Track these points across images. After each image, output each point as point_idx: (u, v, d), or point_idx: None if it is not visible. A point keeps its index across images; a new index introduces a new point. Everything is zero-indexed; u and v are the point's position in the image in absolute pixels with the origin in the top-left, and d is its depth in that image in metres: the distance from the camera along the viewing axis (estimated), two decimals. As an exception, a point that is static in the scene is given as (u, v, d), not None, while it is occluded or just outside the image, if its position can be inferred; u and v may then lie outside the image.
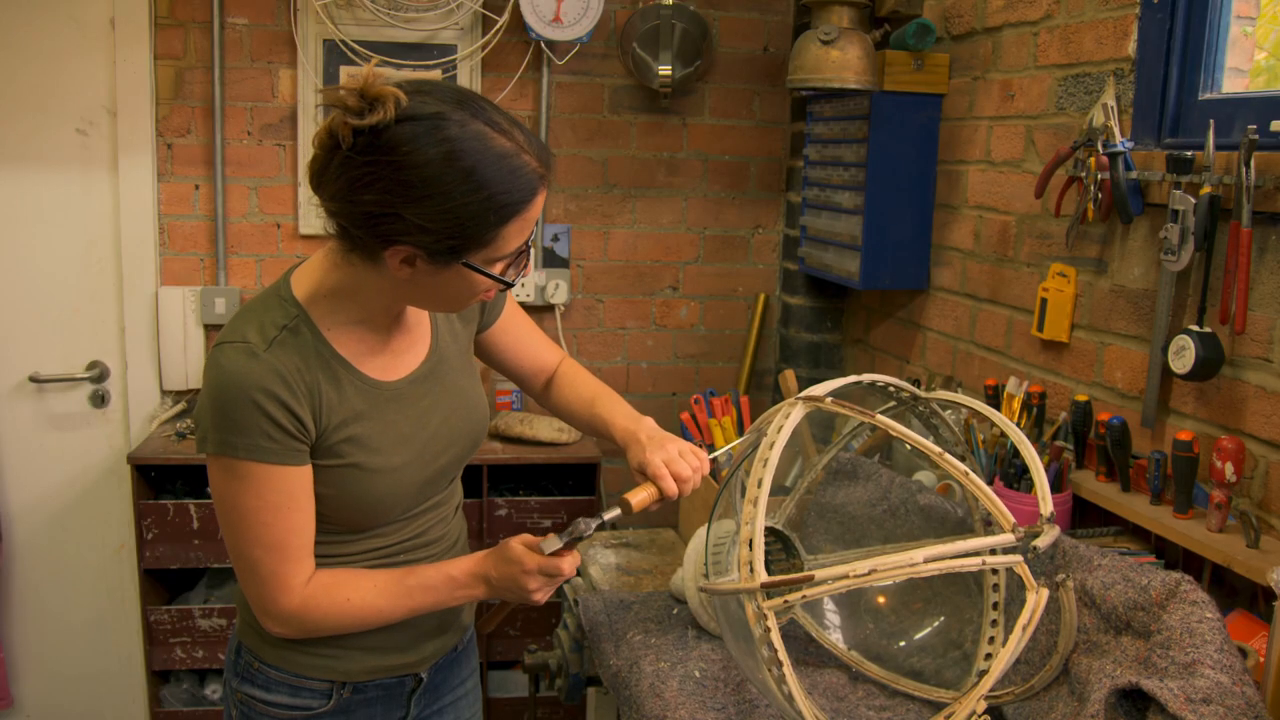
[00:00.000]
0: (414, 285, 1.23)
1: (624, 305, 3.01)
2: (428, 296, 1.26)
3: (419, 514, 1.42)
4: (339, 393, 1.27)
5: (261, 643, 1.39)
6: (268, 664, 1.40)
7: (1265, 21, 1.72)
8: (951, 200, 2.33)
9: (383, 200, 1.13)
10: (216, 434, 1.21)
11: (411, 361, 1.37)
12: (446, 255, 1.17)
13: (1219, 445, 1.49)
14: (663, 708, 1.50)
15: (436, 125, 1.12)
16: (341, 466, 1.28)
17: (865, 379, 1.51)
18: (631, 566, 2.23)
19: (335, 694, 1.41)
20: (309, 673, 1.39)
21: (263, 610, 1.30)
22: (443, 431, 1.39)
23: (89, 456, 2.80)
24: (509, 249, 1.20)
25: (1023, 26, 2.06)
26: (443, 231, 1.14)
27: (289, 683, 1.40)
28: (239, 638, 1.44)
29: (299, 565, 1.28)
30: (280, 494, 1.24)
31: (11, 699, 2.82)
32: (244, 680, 1.42)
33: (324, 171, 1.17)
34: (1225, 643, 1.27)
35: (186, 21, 2.68)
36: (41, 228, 2.68)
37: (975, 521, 1.60)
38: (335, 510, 1.31)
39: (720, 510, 1.52)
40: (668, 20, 2.76)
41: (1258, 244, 1.50)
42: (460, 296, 1.25)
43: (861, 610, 1.70)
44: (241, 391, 1.19)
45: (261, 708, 1.41)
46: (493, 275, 1.21)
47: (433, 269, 1.19)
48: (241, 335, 1.23)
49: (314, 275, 1.29)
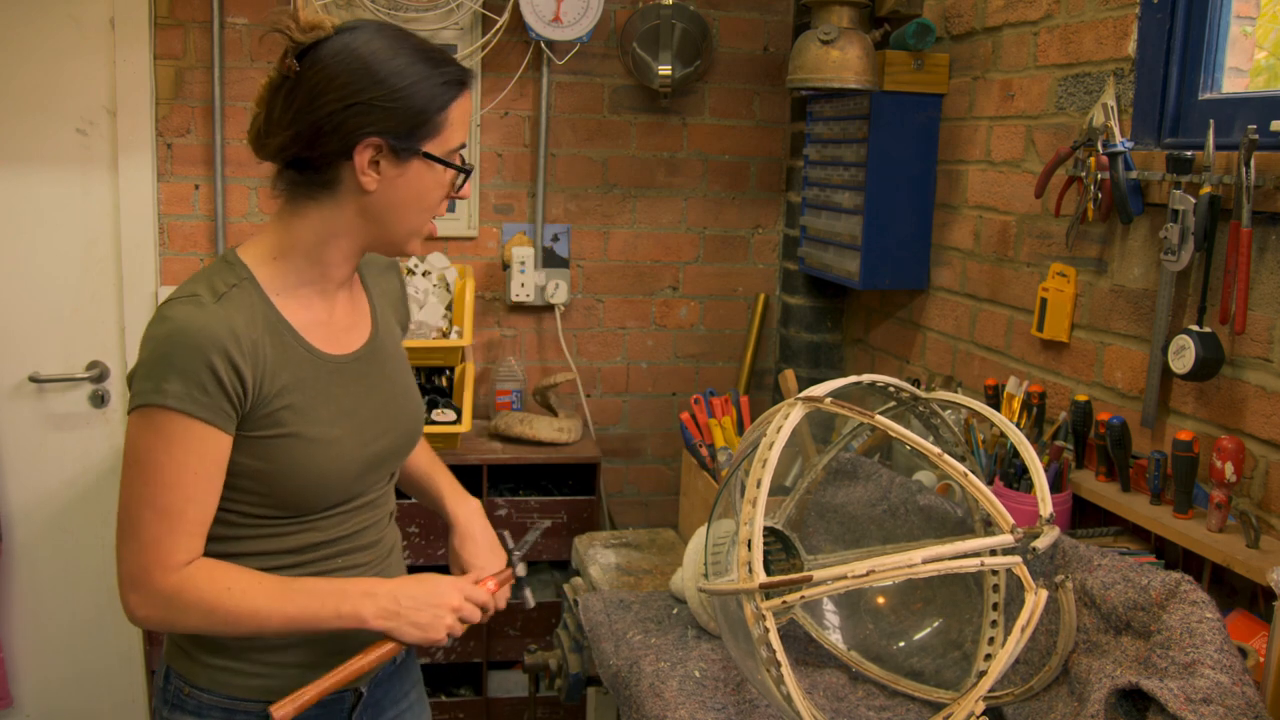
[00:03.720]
0: (379, 200, 1.26)
1: (624, 305, 3.01)
2: (391, 210, 1.27)
3: (356, 509, 1.37)
4: (282, 357, 1.26)
5: (193, 665, 1.33)
6: (199, 687, 1.33)
7: (1265, 21, 1.72)
8: (951, 200, 2.33)
9: (343, 95, 1.20)
10: (149, 383, 1.18)
11: (354, 340, 1.37)
12: (407, 142, 1.23)
13: (1219, 445, 1.49)
14: (663, 708, 1.50)
15: (375, 27, 1.25)
16: (280, 436, 1.25)
17: (865, 379, 1.51)
18: (631, 566, 2.23)
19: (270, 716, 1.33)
20: (243, 694, 1.32)
21: (132, 582, 1.21)
22: (381, 414, 1.38)
23: (89, 456, 2.80)
24: (455, 140, 1.27)
25: (1023, 26, 2.06)
26: (402, 111, 1.22)
27: (222, 705, 1.33)
28: (167, 662, 1.37)
29: (187, 540, 1.22)
30: (194, 455, 1.20)
31: (11, 699, 2.82)
32: (174, 708, 1.34)
33: (272, 113, 1.24)
34: (1225, 643, 1.27)
35: (186, 21, 2.68)
36: (41, 228, 2.68)
37: (975, 522, 1.60)
38: (273, 488, 1.27)
39: (720, 510, 1.52)
40: (668, 20, 2.76)
41: (1258, 244, 1.50)
42: (424, 201, 1.28)
43: (861, 610, 1.70)
44: (186, 339, 1.18)
45: None
46: (453, 164, 1.28)
47: (396, 169, 1.24)
48: (189, 292, 1.24)
49: (261, 242, 1.31)
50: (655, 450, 3.10)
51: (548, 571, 2.92)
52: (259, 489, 1.27)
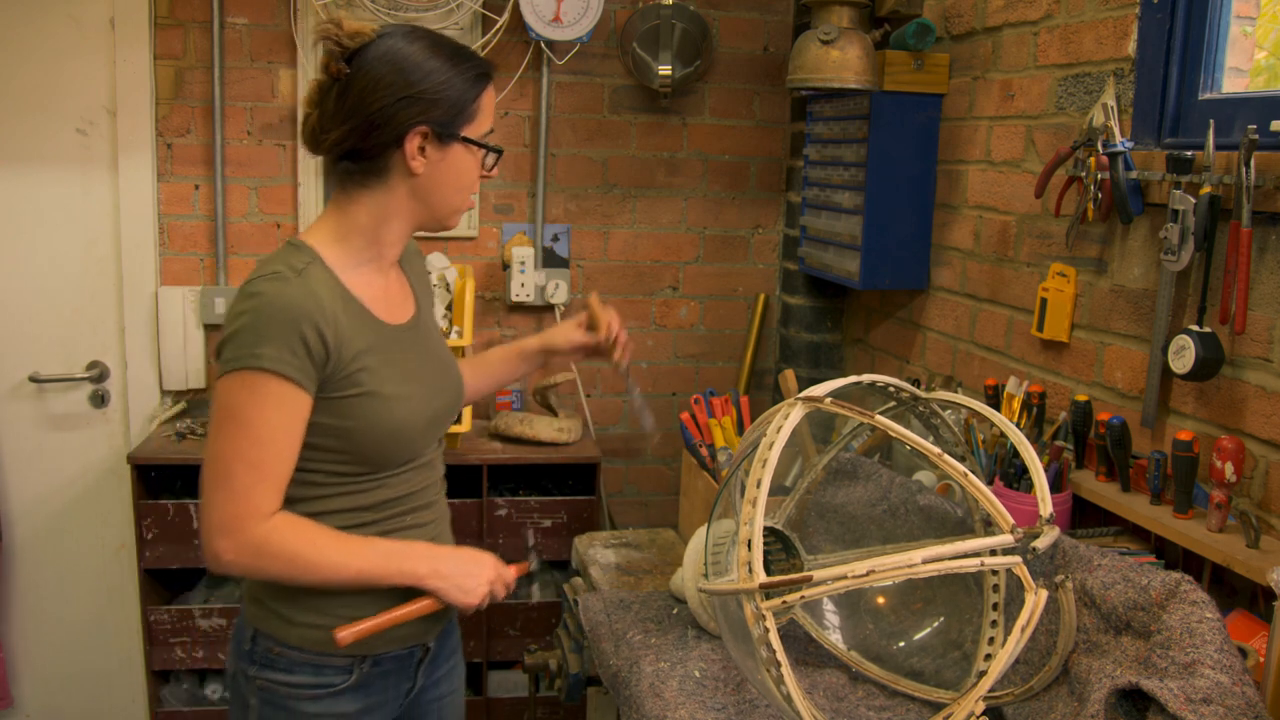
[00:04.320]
0: (425, 182, 1.42)
1: (624, 305, 3.01)
2: (436, 190, 1.44)
3: (417, 468, 1.52)
4: (355, 325, 1.40)
5: (285, 626, 1.45)
6: (290, 646, 1.45)
7: (1265, 21, 1.72)
8: (951, 200, 2.33)
9: (392, 91, 1.36)
10: (243, 349, 1.32)
11: (405, 313, 1.53)
12: (449, 128, 1.40)
13: (1219, 445, 1.49)
14: (663, 708, 1.50)
15: (408, 31, 1.42)
16: (360, 395, 1.39)
17: (865, 379, 1.51)
18: (631, 566, 2.23)
19: (356, 669, 1.48)
20: (331, 649, 1.44)
21: (223, 529, 1.33)
22: (435, 377, 1.54)
23: (89, 456, 2.80)
24: (486, 125, 1.45)
25: (1023, 26, 2.06)
26: (444, 102, 1.38)
27: (312, 662, 1.46)
28: (254, 625, 1.48)
29: (274, 493, 1.35)
30: (284, 415, 1.34)
31: (11, 699, 2.82)
32: (264, 666, 1.47)
33: (324, 112, 1.40)
34: (1225, 643, 1.27)
35: (186, 21, 2.68)
36: (41, 228, 2.68)
37: (975, 522, 1.60)
38: (354, 443, 1.41)
39: (720, 510, 1.52)
40: (668, 20, 2.76)
41: (1258, 244, 1.50)
42: (463, 180, 1.45)
43: (861, 610, 1.70)
44: (277, 310, 1.33)
45: (285, 690, 1.46)
46: (487, 145, 1.45)
47: (440, 153, 1.41)
48: (271, 272, 1.37)
49: (322, 228, 1.46)
50: (655, 450, 3.10)
51: (548, 571, 2.92)
52: (341, 446, 1.41)
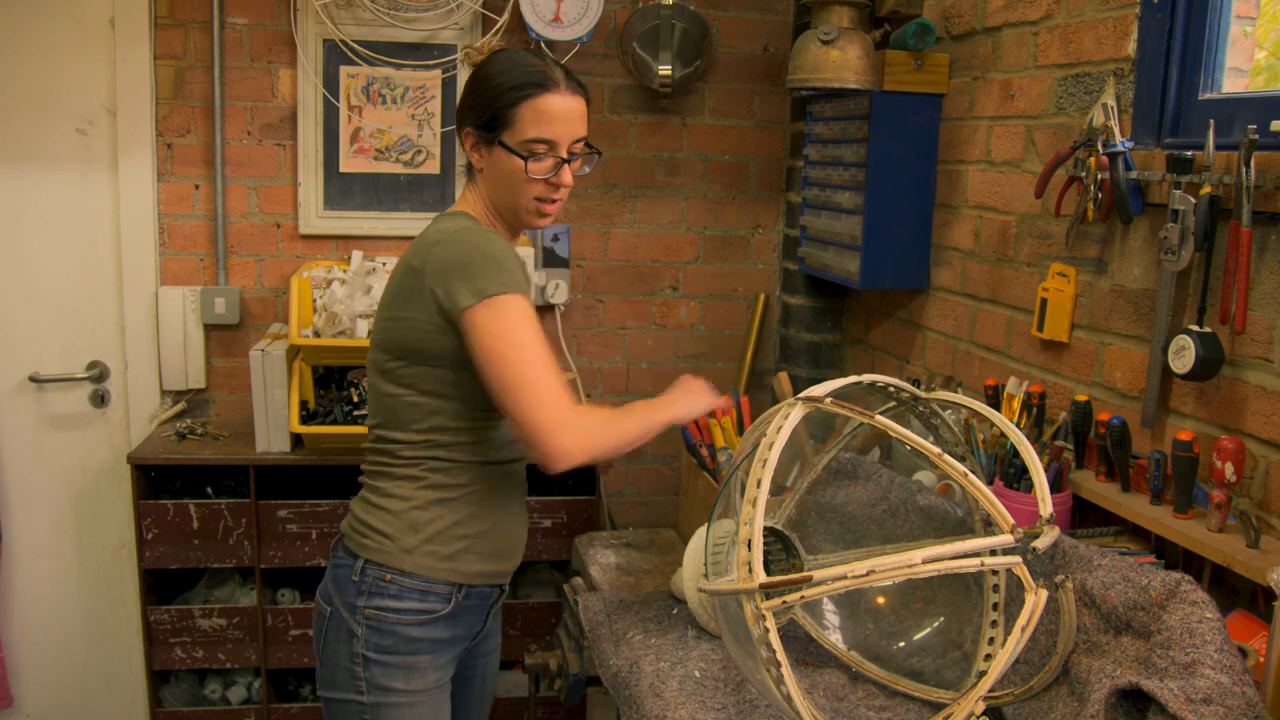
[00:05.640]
0: (487, 177, 1.62)
1: (624, 305, 3.01)
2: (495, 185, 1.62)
3: None
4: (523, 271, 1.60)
5: (402, 554, 1.59)
6: (404, 573, 1.60)
7: (1265, 21, 1.72)
8: (951, 200, 2.33)
9: (461, 97, 1.65)
10: (492, 279, 1.48)
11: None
12: (488, 133, 1.59)
13: (1219, 445, 1.49)
14: (663, 708, 1.50)
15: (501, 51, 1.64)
16: None
17: (865, 379, 1.52)
18: (631, 566, 2.23)
19: (454, 596, 1.63)
20: (439, 575, 1.61)
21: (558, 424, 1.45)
22: None
23: (89, 456, 2.80)
24: (528, 133, 1.57)
25: (1023, 26, 2.06)
26: (481, 108, 1.59)
27: (419, 588, 1.60)
28: (365, 557, 1.61)
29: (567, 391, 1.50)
30: (538, 327, 1.52)
31: (11, 699, 2.82)
32: (373, 595, 1.60)
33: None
34: (1225, 643, 1.27)
35: (186, 21, 2.67)
36: (41, 228, 2.68)
37: (975, 522, 1.60)
38: None
39: (720, 510, 1.52)
40: (668, 20, 2.76)
41: (1258, 244, 1.50)
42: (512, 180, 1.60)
43: (861, 611, 1.70)
44: (495, 246, 1.53)
45: (393, 617, 1.60)
46: (518, 152, 1.57)
47: (488, 152, 1.61)
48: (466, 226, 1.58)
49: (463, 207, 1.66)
50: (655, 450, 3.10)
51: (548, 571, 2.92)
52: None
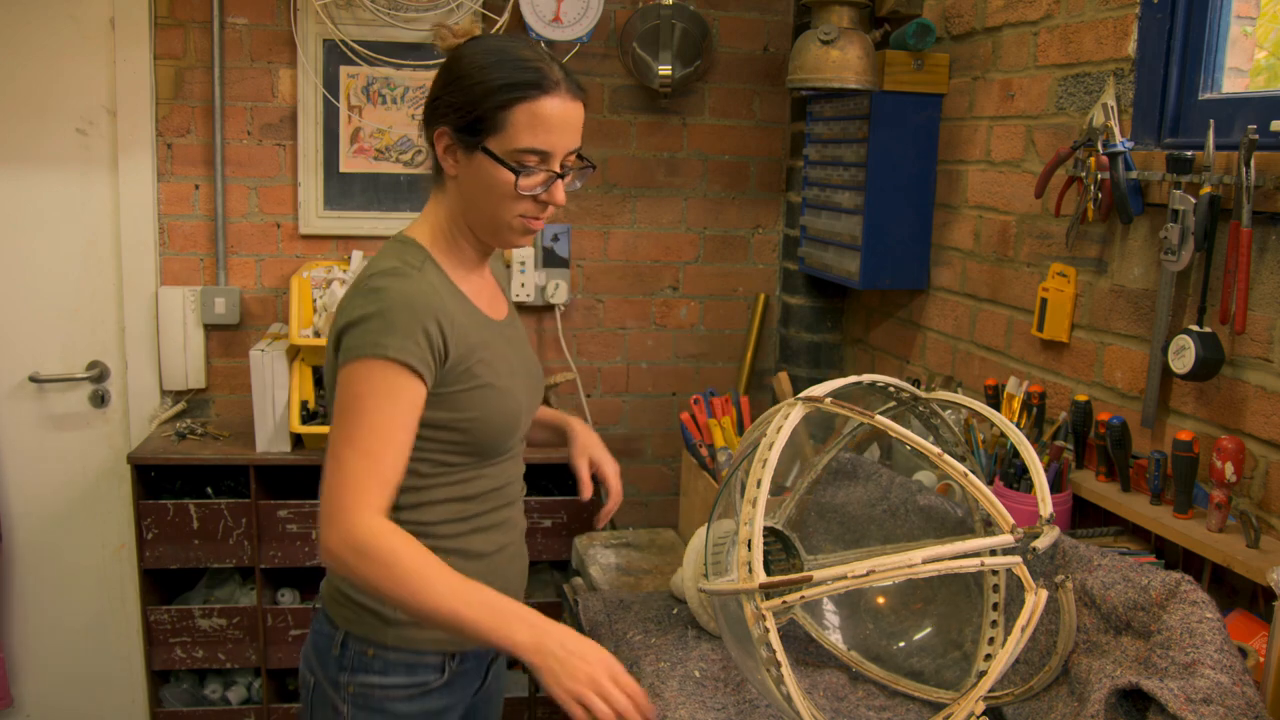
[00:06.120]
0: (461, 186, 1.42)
1: (624, 305, 3.01)
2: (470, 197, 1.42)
3: (510, 459, 1.54)
4: (468, 321, 1.42)
5: (382, 626, 1.44)
6: (387, 646, 1.45)
7: (1265, 21, 1.72)
8: (951, 200, 2.33)
9: (432, 91, 1.41)
10: (368, 338, 1.31)
11: (501, 310, 1.56)
12: (469, 136, 1.37)
13: (1219, 445, 1.49)
14: (663, 708, 1.50)
15: (482, 37, 1.43)
16: (478, 388, 1.41)
17: (865, 379, 1.52)
18: (631, 566, 2.23)
19: (447, 666, 1.49)
20: (427, 647, 1.46)
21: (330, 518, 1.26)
22: (529, 371, 1.57)
23: (89, 456, 2.80)
24: (520, 141, 1.36)
25: (1023, 26, 2.06)
26: (463, 106, 1.36)
27: (407, 662, 1.46)
28: (345, 629, 1.46)
29: (381, 486, 1.29)
30: (400, 404, 1.32)
31: (11, 699, 2.82)
32: (357, 671, 1.46)
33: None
34: (1225, 643, 1.27)
35: (186, 21, 2.67)
36: (41, 228, 2.68)
37: (975, 522, 1.60)
38: (469, 434, 1.42)
39: (720, 510, 1.52)
40: (668, 20, 2.76)
41: (1258, 244, 1.50)
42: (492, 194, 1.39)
43: (861, 610, 1.70)
44: (402, 303, 1.33)
45: (380, 694, 1.46)
46: (508, 164, 1.36)
47: (466, 159, 1.39)
48: (390, 268, 1.38)
49: (423, 225, 1.47)
50: (655, 450, 3.10)
51: (548, 571, 2.91)
52: (455, 437, 1.42)
